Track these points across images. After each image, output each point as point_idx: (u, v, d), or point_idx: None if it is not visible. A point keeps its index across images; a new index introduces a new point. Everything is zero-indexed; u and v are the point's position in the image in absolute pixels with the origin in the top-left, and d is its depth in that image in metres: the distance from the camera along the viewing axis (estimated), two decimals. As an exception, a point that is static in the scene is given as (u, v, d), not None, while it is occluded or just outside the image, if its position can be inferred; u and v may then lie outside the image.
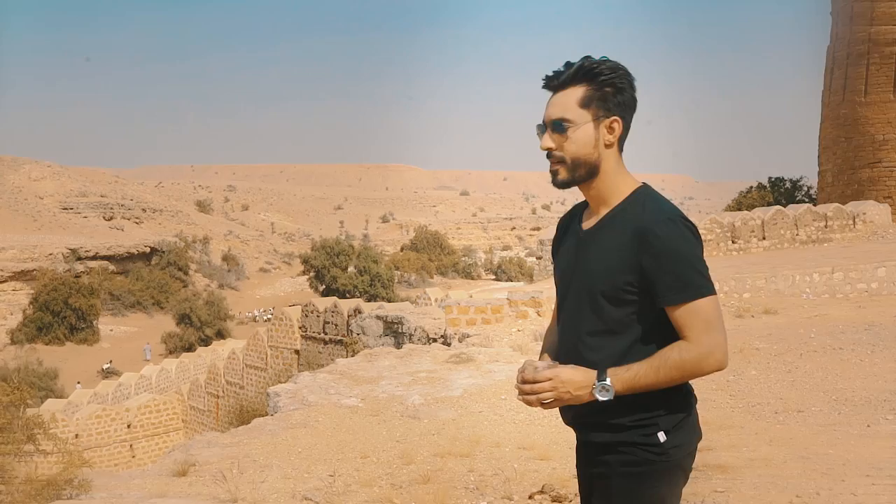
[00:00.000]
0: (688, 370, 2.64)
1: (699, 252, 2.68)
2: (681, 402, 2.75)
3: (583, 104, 2.73)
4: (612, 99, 2.73)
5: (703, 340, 2.62)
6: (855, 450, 6.92)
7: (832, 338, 12.63)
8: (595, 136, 2.74)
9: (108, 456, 30.12)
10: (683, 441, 2.73)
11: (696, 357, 2.62)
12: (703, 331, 2.62)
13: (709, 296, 2.64)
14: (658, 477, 2.71)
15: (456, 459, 7.04)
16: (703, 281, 2.65)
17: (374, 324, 19.24)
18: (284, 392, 9.89)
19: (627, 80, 2.75)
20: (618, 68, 2.74)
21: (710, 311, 2.63)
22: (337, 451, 7.49)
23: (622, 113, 2.75)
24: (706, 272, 2.67)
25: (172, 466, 7.11)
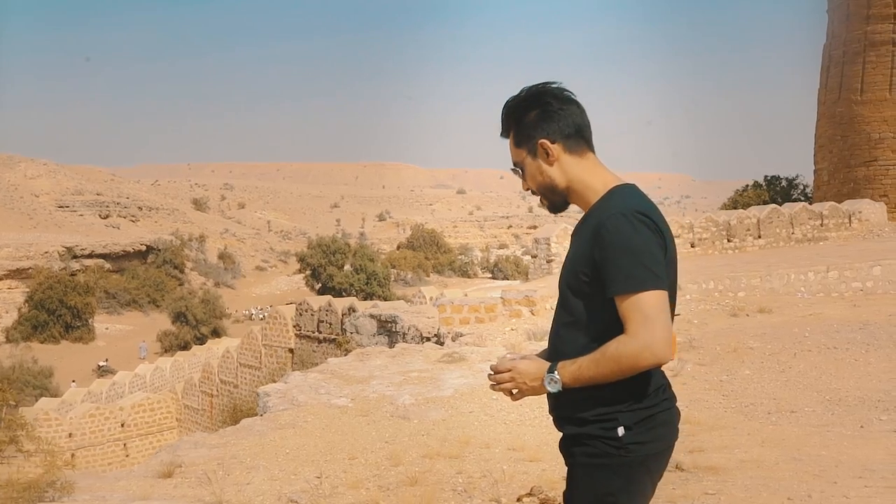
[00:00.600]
0: (625, 363, 2.66)
1: (649, 246, 2.69)
2: (644, 399, 2.77)
3: (517, 144, 2.93)
4: (534, 126, 2.87)
5: (640, 334, 2.64)
6: (848, 451, 6.85)
7: (827, 337, 12.55)
8: (537, 165, 2.90)
9: (101, 455, 30.00)
10: (647, 439, 2.75)
11: (632, 351, 2.65)
12: (641, 324, 2.64)
13: (651, 290, 2.65)
14: (614, 470, 2.75)
15: (445, 461, 6.96)
16: (647, 274, 2.66)
17: (367, 323, 19.17)
18: (274, 392, 9.80)
19: (541, 100, 2.88)
20: (528, 96, 2.89)
21: (650, 305, 2.64)
22: (325, 452, 7.41)
23: (546, 131, 2.87)
24: (654, 266, 2.67)
25: (158, 468, 7.02)
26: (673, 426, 2.84)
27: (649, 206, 2.81)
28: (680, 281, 14.59)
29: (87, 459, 29.49)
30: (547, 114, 2.86)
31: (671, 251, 2.81)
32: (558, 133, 2.86)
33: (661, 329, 2.63)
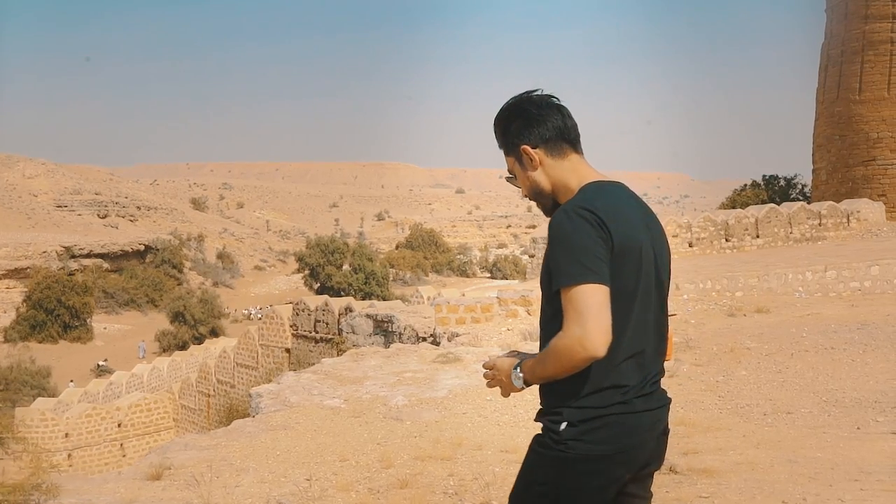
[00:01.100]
0: (563, 358, 2.69)
1: (585, 241, 2.69)
2: (591, 396, 2.75)
3: (506, 154, 3.06)
4: (517, 134, 2.99)
5: (571, 328, 2.65)
6: (844, 453, 6.77)
7: (824, 337, 12.47)
8: (523, 171, 3.02)
9: (98, 455, 29.89)
10: (592, 439, 2.73)
11: (565, 345, 2.67)
12: (573, 319, 2.65)
13: (583, 284, 2.65)
14: (550, 463, 2.78)
15: (436, 463, 6.88)
16: (581, 270, 2.66)
17: (364, 322, 19.09)
18: (267, 393, 9.73)
19: (520, 109, 2.98)
20: (510, 107, 3.01)
21: (581, 300, 2.64)
22: (316, 453, 7.33)
23: (526, 138, 2.97)
24: (588, 261, 2.67)
25: (147, 470, 6.95)
26: (633, 431, 2.76)
27: (605, 202, 2.78)
28: (677, 280, 14.57)
29: (83, 460, 29.38)
30: (527, 121, 2.95)
31: (628, 245, 2.76)
32: (538, 138, 2.95)
33: (593, 323, 2.62)
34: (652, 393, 2.83)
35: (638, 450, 2.78)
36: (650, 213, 2.96)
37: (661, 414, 2.86)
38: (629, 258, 2.76)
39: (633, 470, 2.81)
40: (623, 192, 2.91)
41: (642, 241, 2.81)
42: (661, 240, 2.93)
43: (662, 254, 2.91)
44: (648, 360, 2.84)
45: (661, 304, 2.91)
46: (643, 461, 2.83)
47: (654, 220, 2.97)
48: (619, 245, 2.73)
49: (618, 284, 2.72)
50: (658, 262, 2.88)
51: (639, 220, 2.85)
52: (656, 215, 3.02)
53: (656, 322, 2.88)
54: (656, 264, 2.87)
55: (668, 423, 2.95)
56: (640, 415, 2.77)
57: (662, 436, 2.90)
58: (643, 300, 2.81)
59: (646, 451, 2.82)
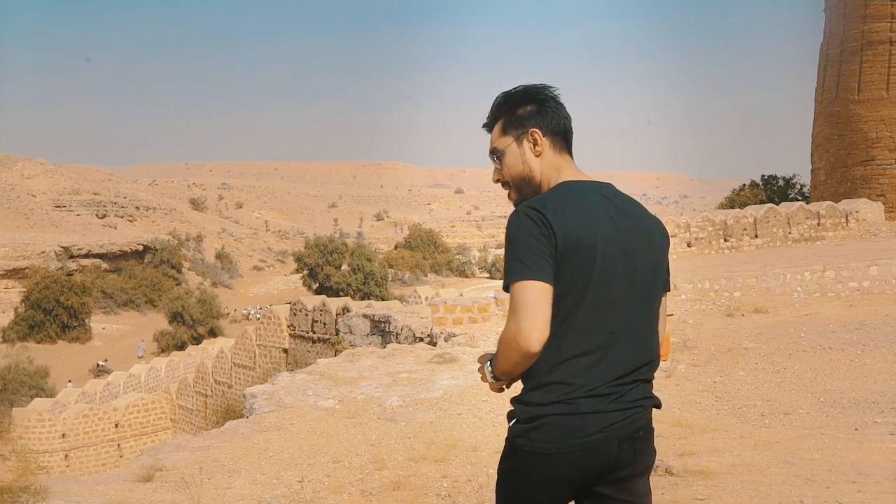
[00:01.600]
0: (505, 352, 2.75)
1: (526, 239, 2.72)
2: (536, 393, 2.76)
3: (503, 131, 3.01)
4: (528, 117, 2.97)
5: (508, 324, 2.72)
6: (841, 454, 6.69)
7: (822, 337, 12.42)
8: (520, 153, 2.99)
9: (95, 456, 29.82)
10: (537, 437, 2.73)
11: (504, 340, 2.74)
12: (510, 315, 2.71)
13: (519, 281, 2.68)
14: (507, 456, 2.85)
15: (430, 464, 6.81)
16: (519, 267, 2.70)
17: (361, 323, 19.02)
18: (261, 393, 9.65)
19: (539, 95, 3.00)
20: (527, 90, 3.01)
21: (517, 296, 2.68)
22: (309, 455, 7.26)
23: (540, 123, 2.97)
24: (528, 258, 2.70)
25: (138, 471, 6.87)
26: (575, 433, 2.70)
27: (559, 201, 2.79)
28: (675, 280, 14.50)
29: (80, 460, 29.32)
30: (542, 109, 2.97)
31: (576, 243, 2.72)
32: (548, 128, 2.97)
33: (526, 319, 2.66)
34: (611, 394, 2.73)
35: (584, 451, 2.70)
36: (629, 213, 2.88)
37: (622, 416, 2.74)
38: (578, 255, 2.72)
39: (586, 471, 2.74)
40: (590, 189, 2.88)
41: (598, 237, 2.74)
42: (642, 240, 2.86)
43: (640, 253, 2.84)
44: (611, 359, 2.75)
45: (640, 304, 2.84)
46: (605, 464, 2.74)
47: (636, 219, 2.89)
48: (565, 243, 2.71)
49: (564, 282, 2.71)
50: (631, 259, 2.81)
51: (601, 215, 2.79)
52: (651, 219, 2.96)
53: (630, 322, 2.80)
54: (627, 261, 2.80)
55: (644, 426, 2.83)
56: (585, 416, 2.70)
57: (634, 440, 2.78)
58: (600, 298, 2.74)
59: (602, 454, 2.72)
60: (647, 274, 2.85)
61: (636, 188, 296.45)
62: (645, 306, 2.86)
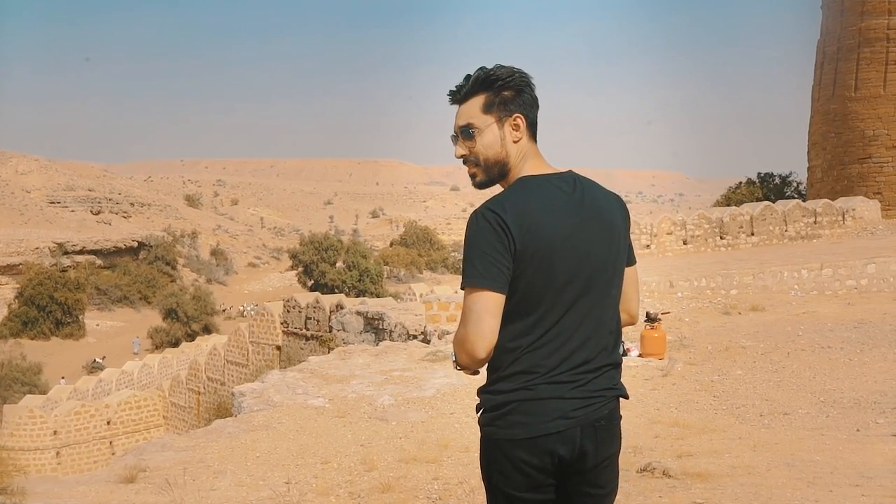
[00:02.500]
0: (457, 352, 2.75)
1: (481, 244, 2.72)
2: (499, 383, 2.77)
3: (485, 110, 2.92)
4: (513, 101, 2.92)
5: (459, 328, 2.73)
6: (843, 456, 6.51)
7: (820, 336, 12.27)
8: (500, 136, 2.92)
9: (87, 453, 29.57)
10: (503, 424, 2.75)
11: (456, 341, 2.74)
12: (461, 320, 2.73)
13: (469, 287, 2.69)
14: (482, 445, 2.84)
15: (421, 466, 6.62)
16: (473, 273, 2.70)
17: (354, 320, 18.83)
18: (250, 392, 9.46)
19: (525, 81, 2.95)
20: (514, 73, 2.94)
21: (468, 304, 2.70)
22: (297, 455, 7.07)
23: (523, 110, 2.93)
24: (484, 267, 2.70)
25: (122, 472, 6.68)
26: (538, 419, 2.73)
27: (518, 201, 2.78)
28: (671, 278, 14.31)
29: (72, 457, 29.08)
30: (532, 99, 2.95)
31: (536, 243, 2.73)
32: (529, 117, 2.94)
33: (472, 328, 2.68)
34: (572, 381, 2.77)
35: (549, 437, 2.73)
36: (588, 204, 2.87)
37: (583, 403, 2.78)
38: (537, 257, 2.73)
39: (552, 458, 2.75)
40: (548, 187, 2.86)
41: (556, 238, 2.75)
42: (600, 231, 2.86)
43: (598, 247, 2.84)
44: (571, 349, 2.77)
45: (599, 294, 2.84)
46: (567, 451, 2.76)
47: (594, 211, 2.87)
48: (523, 246, 2.71)
49: (525, 281, 2.73)
50: (590, 255, 2.82)
51: (558, 215, 2.79)
52: (609, 201, 2.95)
53: (590, 313, 2.82)
54: (585, 259, 2.80)
55: (606, 416, 2.83)
56: (545, 401, 2.74)
57: (595, 429, 2.79)
58: (561, 295, 2.77)
59: (565, 440, 2.74)
60: (607, 264, 2.87)
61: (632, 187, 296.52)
62: (605, 295, 2.88)
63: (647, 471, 6.07)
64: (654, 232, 23.73)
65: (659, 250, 23.57)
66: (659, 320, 11.47)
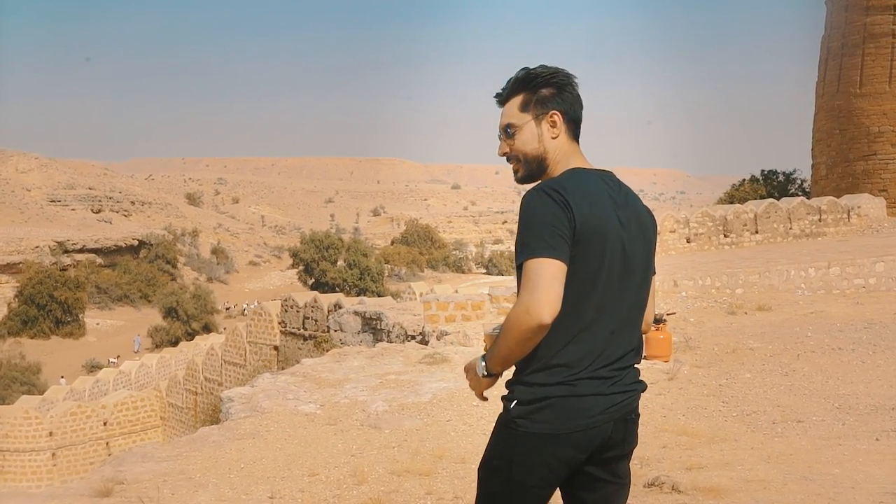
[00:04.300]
0: (512, 329, 2.71)
1: (547, 217, 2.74)
2: (541, 374, 2.79)
3: (522, 108, 3.01)
4: (550, 99, 2.98)
5: (523, 298, 2.69)
6: (864, 468, 6.13)
7: (830, 337, 11.88)
8: (538, 133, 2.99)
9: (83, 454, 29.21)
10: (539, 419, 2.76)
11: (515, 315, 2.70)
12: (525, 289, 2.70)
13: (538, 258, 2.70)
14: (504, 439, 2.84)
15: (414, 478, 6.24)
16: (537, 244, 2.72)
17: (351, 320, 18.47)
18: (238, 397, 9.08)
19: (566, 79, 3.01)
20: (554, 72, 3.01)
21: (535, 271, 2.70)
22: (284, 466, 6.68)
23: (562, 107, 2.99)
24: (548, 236, 2.72)
25: (97, 485, 6.30)
26: (577, 414, 2.77)
27: (576, 185, 2.83)
28: (675, 277, 13.89)
29: (67, 459, 28.73)
30: (565, 94, 3.00)
31: (592, 229, 2.78)
32: (568, 114, 3.00)
33: (542, 291, 2.67)
34: (610, 378, 2.83)
35: (587, 432, 2.79)
36: (630, 205, 2.96)
37: (620, 399, 2.85)
38: (592, 242, 2.78)
39: (585, 452, 2.82)
40: (598, 180, 2.93)
41: (608, 228, 2.83)
42: (638, 232, 2.94)
43: (636, 246, 2.92)
44: (609, 344, 2.84)
45: (633, 292, 2.92)
46: (598, 444, 2.84)
47: (635, 212, 2.97)
48: (582, 227, 2.76)
49: (577, 265, 2.76)
50: (629, 252, 2.88)
51: (609, 208, 2.86)
52: (644, 209, 3.04)
53: (623, 309, 2.89)
54: (625, 254, 2.87)
55: (636, 409, 2.95)
56: (585, 398, 2.79)
57: (626, 422, 2.90)
58: (605, 285, 2.83)
59: (599, 435, 2.82)
60: (641, 265, 2.94)
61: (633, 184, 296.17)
62: (638, 296, 2.95)
63: (655, 485, 5.69)
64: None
65: (662, 248, 23.18)
66: (664, 321, 11.10)
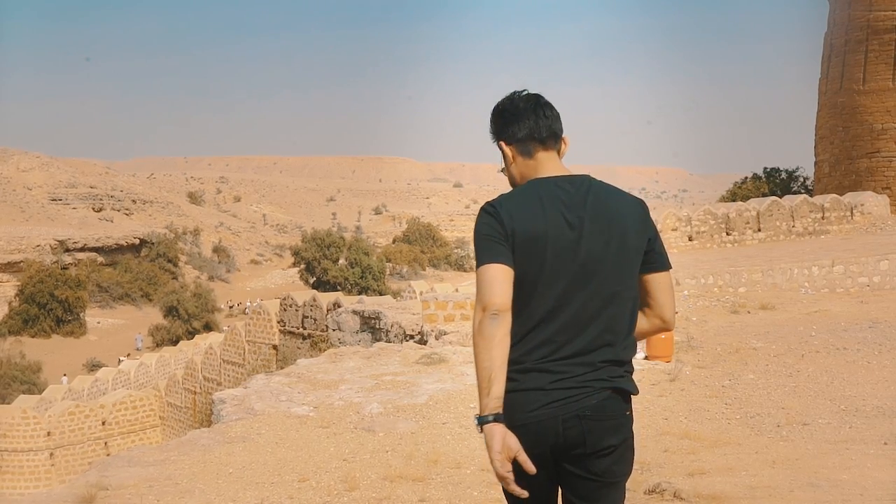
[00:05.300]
0: (474, 333, 2.89)
1: (489, 230, 2.96)
2: (509, 371, 2.88)
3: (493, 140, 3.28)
4: (495, 133, 3.24)
5: (475, 307, 2.94)
6: (872, 474, 5.93)
7: (835, 336, 11.68)
8: (505, 163, 3.23)
9: (81, 454, 28.99)
10: (509, 412, 2.85)
11: (474, 318, 2.91)
12: (476, 294, 2.96)
13: (484, 265, 2.94)
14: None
15: (407, 484, 6.05)
16: (480, 254, 2.97)
17: (350, 319, 18.26)
18: (230, 398, 8.88)
19: (498, 109, 3.21)
20: (495, 107, 3.23)
21: (479, 278, 2.95)
22: (274, 471, 6.49)
23: (503, 137, 3.19)
24: (491, 247, 2.94)
25: (80, 491, 6.11)
26: (521, 407, 2.88)
27: (517, 199, 3.02)
28: (677, 275, 13.65)
29: (66, 459, 28.52)
30: (505, 121, 3.18)
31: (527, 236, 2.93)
32: (511, 137, 3.16)
33: (487, 289, 2.88)
34: (558, 373, 2.91)
35: (530, 426, 2.89)
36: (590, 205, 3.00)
37: (564, 395, 2.90)
38: (530, 247, 2.93)
39: (539, 446, 2.89)
40: (550, 186, 3.04)
41: (548, 231, 2.94)
42: (600, 229, 2.98)
43: (595, 244, 2.97)
44: (562, 341, 2.92)
45: (595, 290, 2.96)
46: (552, 441, 2.91)
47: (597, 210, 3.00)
48: (516, 235, 2.93)
49: (521, 270, 2.92)
50: (583, 250, 2.95)
51: (553, 211, 2.97)
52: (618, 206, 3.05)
53: (579, 307, 2.94)
54: (577, 253, 2.95)
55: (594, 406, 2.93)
56: (528, 392, 2.90)
57: (581, 419, 2.91)
58: (550, 285, 2.93)
59: (546, 431, 2.90)
60: (605, 261, 2.97)
61: (635, 183, 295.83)
62: (605, 292, 2.97)
63: (657, 492, 5.50)
64: (658, 228, 23.11)
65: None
66: (666, 321, 10.89)
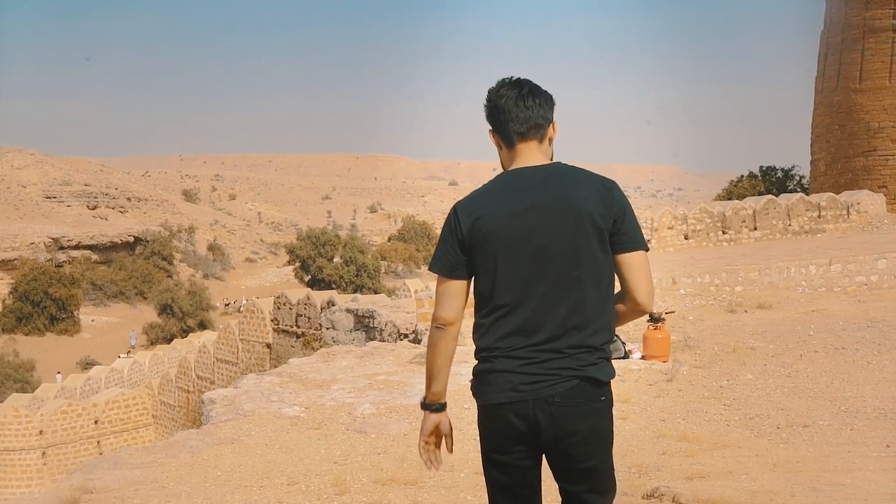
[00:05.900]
0: (429, 336, 3.26)
1: (445, 235, 3.19)
2: (479, 354, 3.19)
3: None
4: (487, 119, 3.32)
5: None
6: (876, 478, 5.79)
7: (833, 336, 11.56)
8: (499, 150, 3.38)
9: (74, 453, 28.81)
10: (477, 392, 3.20)
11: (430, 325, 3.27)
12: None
13: (436, 273, 3.21)
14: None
15: (399, 488, 5.90)
16: (435, 261, 3.21)
17: (344, 318, 18.13)
18: (220, 399, 8.74)
19: (487, 99, 3.29)
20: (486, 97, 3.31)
21: (436, 287, 3.22)
22: (262, 474, 6.34)
23: (491, 125, 3.30)
24: (442, 255, 3.19)
25: (64, 494, 5.96)
26: (496, 387, 3.09)
27: (479, 195, 3.19)
28: (673, 274, 13.51)
29: (58, 458, 28.36)
30: (488, 112, 3.30)
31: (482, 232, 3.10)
32: (496, 128, 3.29)
33: (436, 306, 3.20)
34: (527, 358, 3.06)
35: (503, 406, 3.07)
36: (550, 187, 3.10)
37: (532, 379, 3.05)
38: (484, 241, 3.10)
39: (513, 426, 3.06)
40: (511, 177, 3.17)
41: (501, 223, 3.08)
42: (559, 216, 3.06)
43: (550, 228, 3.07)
44: (534, 327, 3.06)
45: (554, 274, 3.07)
46: (524, 424, 3.05)
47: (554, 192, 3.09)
48: (470, 233, 3.11)
49: (479, 265, 3.13)
50: (537, 237, 3.07)
51: (509, 200, 3.10)
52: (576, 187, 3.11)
53: (541, 293, 3.07)
54: (530, 241, 3.07)
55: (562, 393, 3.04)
56: (499, 374, 3.09)
57: (549, 404, 3.03)
58: (510, 276, 3.08)
59: (517, 412, 3.05)
60: (563, 247, 3.07)
61: (631, 181, 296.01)
62: (568, 277, 3.07)
63: (655, 496, 5.36)
64: (654, 226, 23.02)
65: (659, 245, 22.86)
66: (663, 320, 10.76)
